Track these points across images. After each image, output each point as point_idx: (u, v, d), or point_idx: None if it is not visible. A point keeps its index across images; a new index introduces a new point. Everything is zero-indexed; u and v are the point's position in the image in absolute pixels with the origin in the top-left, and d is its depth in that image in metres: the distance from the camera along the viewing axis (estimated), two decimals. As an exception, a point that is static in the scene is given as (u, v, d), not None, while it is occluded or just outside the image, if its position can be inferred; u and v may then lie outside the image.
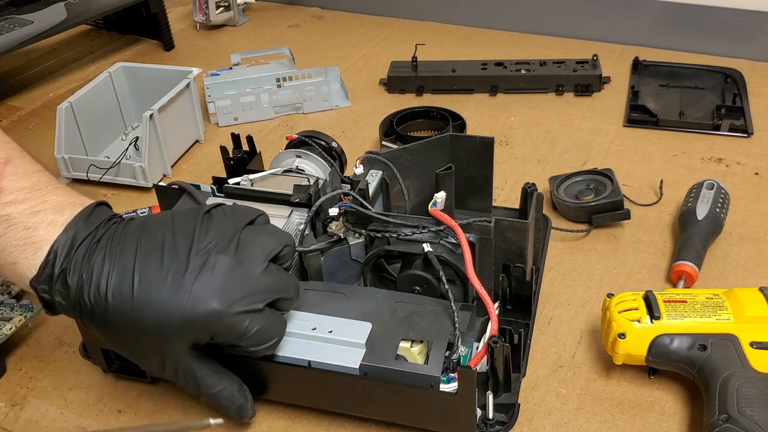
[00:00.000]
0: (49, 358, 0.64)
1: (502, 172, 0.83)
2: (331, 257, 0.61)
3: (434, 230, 0.58)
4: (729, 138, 0.86)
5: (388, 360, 0.52)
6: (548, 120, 0.92)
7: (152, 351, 0.50)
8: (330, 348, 0.53)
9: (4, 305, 0.66)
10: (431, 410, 0.52)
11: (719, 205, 0.70)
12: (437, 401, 0.51)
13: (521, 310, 0.60)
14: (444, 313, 0.55)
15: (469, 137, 0.68)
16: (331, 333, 0.54)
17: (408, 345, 0.53)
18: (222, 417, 0.56)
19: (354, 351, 0.53)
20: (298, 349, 0.54)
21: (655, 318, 0.55)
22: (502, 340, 0.52)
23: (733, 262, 0.69)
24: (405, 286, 0.59)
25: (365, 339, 0.53)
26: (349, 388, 0.53)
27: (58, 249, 0.48)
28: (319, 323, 0.55)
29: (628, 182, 0.80)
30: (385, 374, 0.52)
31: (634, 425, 0.55)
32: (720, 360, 0.53)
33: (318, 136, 0.77)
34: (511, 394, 0.55)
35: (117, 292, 0.48)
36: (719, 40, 1.03)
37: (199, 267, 0.48)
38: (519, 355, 0.56)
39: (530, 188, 0.63)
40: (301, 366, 0.53)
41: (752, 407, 0.49)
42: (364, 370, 0.52)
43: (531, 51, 1.07)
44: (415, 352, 0.53)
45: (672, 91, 0.96)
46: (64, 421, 0.58)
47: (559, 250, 0.71)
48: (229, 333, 0.48)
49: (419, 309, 0.56)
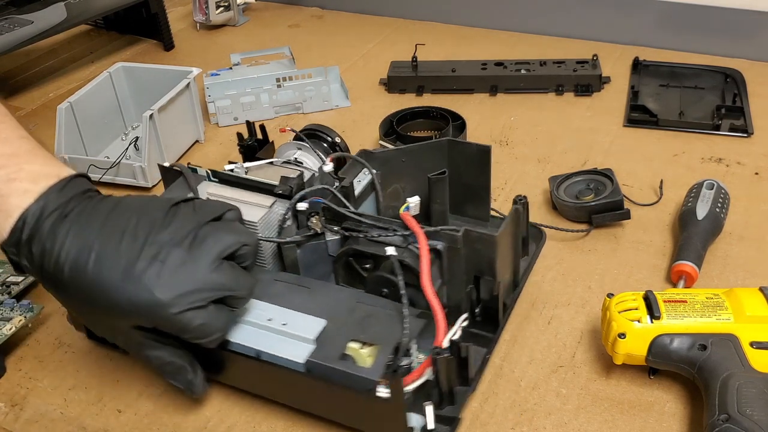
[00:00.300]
0: (49, 358, 0.64)
1: (502, 172, 0.83)
2: (307, 251, 0.61)
3: (402, 234, 0.58)
4: (729, 138, 0.86)
5: (334, 359, 0.52)
6: (548, 120, 0.92)
7: (104, 323, 0.54)
8: (281, 340, 0.54)
9: (4, 305, 0.66)
10: (367, 413, 0.52)
11: (719, 204, 0.70)
12: (371, 405, 0.51)
13: (490, 324, 0.60)
14: (399, 318, 0.55)
15: (466, 144, 0.67)
16: (285, 326, 0.55)
17: (358, 346, 0.53)
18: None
19: (303, 346, 0.54)
20: (250, 337, 0.55)
21: (655, 318, 0.55)
22: (446, 353, 0.51)
23: (733, 262, 0.69)
24: (374, 287, 0.59)
25: (316, 335, 0.54)
26: (294, 382, 0.54)
27: (27, 217, 0.51)
28: (275, 315, 0.56)
29: (628, 182, 0.80)
30: (329, 373, 0.52)
31: (634, 425, 0.55)
32: (720, 360, 0.53)
33: (322, 130, 0.77)
34: (455, 407, 0.54)
35: (74, 266, 0.50)
36: (719, 40, 1.03)
37: (151, 257, 0.49)
38: (467, 369, 0.55)
39: (519, 201, 0.63)
40: (249, 355, 0.54)
41: (752, 407, 0.49)
42: (308, 366, 0.53)
43: (531, 51, 1.07)
44: (364, 354, 0.53)
45: (672, 91, 0.96)
46: (64, 421, 0.58)
47: (559, 250, 0.71)
48: (171, 325, 0.50)
49: (377, 311, 0.56)
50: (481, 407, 0.57)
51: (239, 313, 0.56)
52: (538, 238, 0.69)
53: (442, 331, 0.53)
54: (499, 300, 0.58)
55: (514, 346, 0.62)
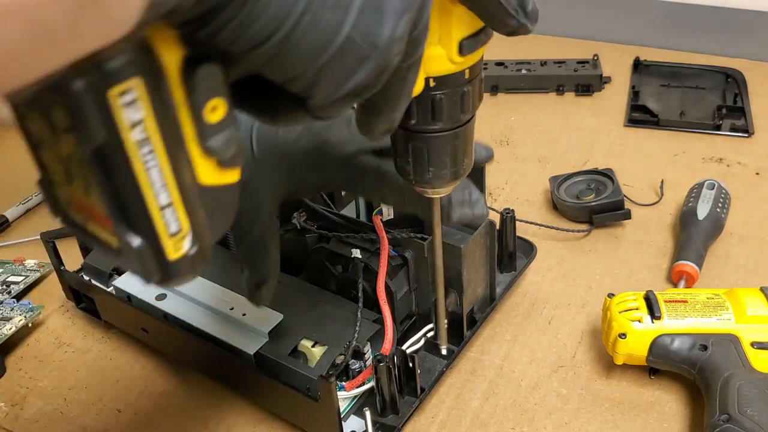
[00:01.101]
0: (49, 358, 0.64)
1: (502, 172, 0.83)
2: (289, 245, 0.61)
3: (369, 238, 0.57)
4: (730, 138, 0.86)
5: (282, 354, 0.53)
6: (549, 120, 0.92)
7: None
8: (238, 330, 0.56)
9: (4, 305, 0.66)
10: (307, 413, 0.52)
11: (720, 205, 0.70)
12: (308, 405, 0.51)
13: (456, 336, 0.59)
14: (355, 320, 0.55)
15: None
16: (244, 316, 0.56)
17: (310, 344, 0.54)
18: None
19: (256, 338, 0.55)
20: (210, 324, 0.56)
21: (656, 318, 0.55)
22: (386, 360, 0.51)
23: (733, 262, 0.68)
24: (342, 288, 0.59)
25: (270, 329, 0.54)
26: (245, 372, 0.55)
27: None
28: (237, 304, 0.57)
29: (629, 182, 0.80)
30: (276, 367, 0.53)
31: (634, 425, 0.55)
32: (721, 360, 0.53)
33: None
34: (399, 417, 0.53)
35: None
36: (720, 39, 1.03)
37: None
38: (415, 380, 0.54)
39: (507, 214, 0.63)
40: (208, 340, 0.56)
41: (753, 407, 0.49)
42: (258, 358, 0.54)
43: (531, 51, 1.07)
44: (316, 353, 0.54)
45: (673, 90, 0.96)
46: (64, 421, 0.58)
47: (559, 250, 0.71)
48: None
49: (335, 312, 0.56)
50: (481, 407, 0.57)
51: (205, 299, 0.58)
52: (528, 252, 0.67)
53: (389, 338, 0.53)
54: (464, 313, 0.57)
55: (514, 345, 0.62)
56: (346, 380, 0.54)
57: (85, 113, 0.25)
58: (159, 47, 0.27)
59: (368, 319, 0.56)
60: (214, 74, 0.29)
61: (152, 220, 0.28)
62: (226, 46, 0.28)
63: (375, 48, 0.29)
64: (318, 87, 0.30)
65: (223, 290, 0.59)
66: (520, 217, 0.70)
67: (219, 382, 0.59)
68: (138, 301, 0.61)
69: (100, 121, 0.26)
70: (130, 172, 0.27)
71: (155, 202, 0.28)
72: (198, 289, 0.60)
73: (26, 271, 0.72)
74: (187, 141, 0.29)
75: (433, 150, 0.40)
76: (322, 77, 0.30)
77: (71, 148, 0.27)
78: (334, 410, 0.50)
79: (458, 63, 0.37)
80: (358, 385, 0.54)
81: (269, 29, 0.27)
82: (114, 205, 0.28)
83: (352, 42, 0.29)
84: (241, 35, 0.27)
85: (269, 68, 0.29)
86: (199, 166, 0.30)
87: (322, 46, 0.29)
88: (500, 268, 0.65)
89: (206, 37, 0.28)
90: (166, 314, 0.59)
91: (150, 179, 0.28)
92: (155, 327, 0.60)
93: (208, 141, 0.30)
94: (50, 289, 0.71)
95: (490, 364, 0.60)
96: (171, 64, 0.28)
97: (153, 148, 0.28)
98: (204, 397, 0.59)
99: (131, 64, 0.26)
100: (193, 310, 0.59)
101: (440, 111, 0.38)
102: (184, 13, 0.26)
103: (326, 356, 0.53)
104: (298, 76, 0.30)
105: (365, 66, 0.30)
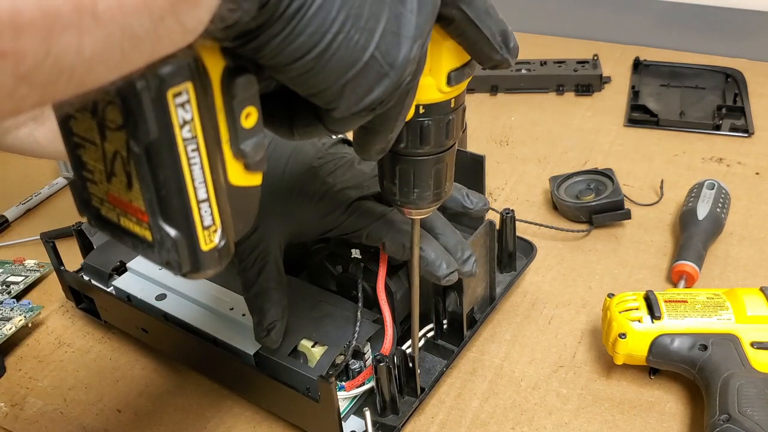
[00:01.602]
0: (48, 358, 0.64)
1: (502, 172, 0.83)
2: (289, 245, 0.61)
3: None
4: (730, 138, 0.86)
5: (282, 354, 0.53)
6: (549, 120, 0.92)
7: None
8: (238, 330, 0.56)
9: (4, 305, 0.66)
10: (306, 412, 0.52)
11: (720, 204, 0.70)
12: (308, 405, 0.51)
13: (455, 337, 0.59)
14: (353, 320, 0.55)
15: (460, 152, 0.67)
16: (244, 316, 0.56)
17: (310, 344, 0.54)
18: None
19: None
20: (210, 324, 0.56)
21: (656, 318, 0.55)
22: (386, 360, 0.51)
23: (733, 262, 0.68)
24: (343, 288, 0.59)
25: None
26: (245, 372, 0.55)
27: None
28: (237, 304, 0.57)
29: (629, 182, 0.80)
30: (276, 367, 0.53)
31: (634, 425, 0.55)
32: (721, 360, 0.53)
33: None
34: (399, 417, 0.54)
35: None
36: (720, 39, 1.03)
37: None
38: (415, 380, 0.54)
39: (507, 214, 0.63)
40: (208, 340, 0.56)
41: (753, 407, 0.49)
42: (257, 358, 0.54)
43: (531, 51, 1.06)
44: (315, 353, 0.54)
45: (673, 90, 0.96)
46: (64, 421, 0.58)
47: (559, 250, 0.71)
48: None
49: (336, 312, 0.56)
50: (481, 407, 0.57)
51: (204, 299, 0.59)
52: (528, 252, 0.67)
53: (389, 338, 0.53)
54: (464, 313, 0.57)
55: (514, 346, 0.62)
56: (346, 380, 0.54)
57: (144, 111, 0.28)
58: (205, 57, 0.30)
59: (368, 319, 0.56)
60: (251, 84, 0.32)
61: (191, 212, 0.31)
62: (268, 60, 0.31)
63: (393, 67, 0.33)
64: (341, 100, 0.33)
65: (223, 290, 0.60)
66: (520, 217, 0.70)
67: (219, 382, 0.59)
68: (138, 301, 0.61)
69: (157, 119, 0.29)
70: (178, 166, 0.30)
71: (195, 196, 0.31)
72: (198, 289, 0.60)
73: (26, 271, 0.72)
74: (222, 143, 0.32)
75: (418, 172, 0.43)
76: (346, 91, 0.33)
77: (119, 145, 0.30)
78: (334, 410, 0.49)
79: (446, 92, 0.40)
80: (358, 385, 0.54)
81: (308, 45, 0.31)
82: (156, 198, 0.30)
83: (375, 61, 0.33)
84: (284, 50, 0.31)
85: (301, 81, 0.33)
86: (230, 167, 0.33)
87: (350, 63, 0.32)
88: (500, 268, 0.65)
89: (252, 50, 0.31)
90: (166, 314, 0.59)
91: (193, 174, 0.31)
92: (155, 327, 0.59)
93: (241, 144, 0.33)
94: (50, 289, 0.71)
95: (490, 364, 0.60)
96: (214, 73, 0.31)
97: (197, 146, 0.30)
98: (204, 397, 0.59)
99: (186, 70, 0.29)
100: (193, 310, 0.59)
101: (428, 136, 0.41)
102: (239, 27, 0.29)
103: (326, 356, 0.53)
104: (325, 90, 0.33)
105: (384, 83, 0.33)
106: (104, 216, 0.33)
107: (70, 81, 0.23)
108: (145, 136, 0.29)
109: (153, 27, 0.24)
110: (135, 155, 0.29)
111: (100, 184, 0.32)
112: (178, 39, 0.26)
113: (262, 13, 0.29)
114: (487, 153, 0.66)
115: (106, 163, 0.31)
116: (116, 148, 0.30)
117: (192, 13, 0.26)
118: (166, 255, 0.31)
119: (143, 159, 0.29)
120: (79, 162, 0.32)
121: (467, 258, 0.54)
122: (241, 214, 0.35)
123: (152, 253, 0.32)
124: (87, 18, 0.22)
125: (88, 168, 0.32)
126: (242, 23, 0.29)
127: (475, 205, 0.56)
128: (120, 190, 0.31)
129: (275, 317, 0.53)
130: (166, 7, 0.24)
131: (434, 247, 0.52)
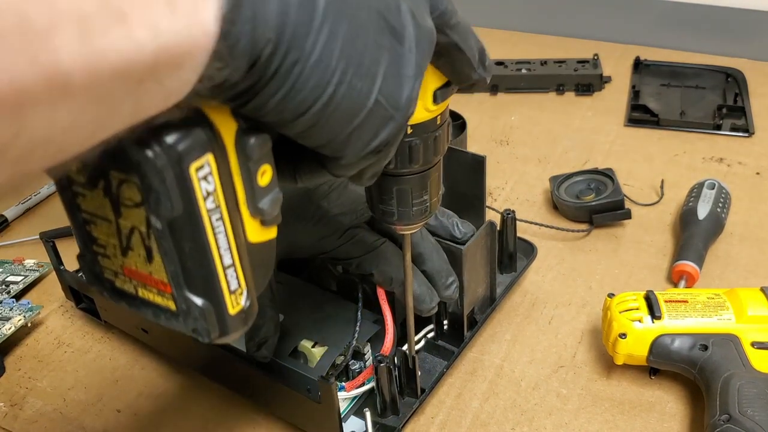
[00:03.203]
0: (48, 358, 0.64)
1: (502, 172, 0.83)
2: None
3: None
4: (730, 138, 0.86)
5: (282, 354, 0.53)
6: (549, 120, 0.92)
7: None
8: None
9: (4, 305, 0.66)
10: (305, 413, 0.52)
11: (720, 204, 0.70)
12: (308, 406, 0.51)
13: (456, 337, 0.59)
14: (354, 321, 0.55)
15: (461, 152, 0.67)
16: None
17: (310, 345, 0.54)
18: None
19: None
20: None
21: (656, 318, 0.55)
22: (386, 361, 0.51)
23: (734, 262, 0.68)
24: (343, 288, 0.59)
25: None
26: (245, 373, 0.54)
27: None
28: None
29: (629, 182, 0.80)
30: (276, 368, 0.53)
31: (635, 425, 0.55)
32: (721, 360, 0.53)
33: None
34: (399, 417, 0.54)
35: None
36: (721, 39, 1.03)
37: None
38: (415, 380, 0.54)
39: (507, 214, 0.63)
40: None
41: (753, 407, 0.49)
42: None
43: (531, 50, 1.07)
44: (316, 354, 0.54)
45: (673, 90, 0.95)
46: (63, 421, 0.58)
47: (559, 250, 0.71)
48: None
49: (337, 313, 0.56)
50: (481, 407, 0.57)
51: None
52: (528, 253, 0.67)
53: (390, 339, 0.53)
54: (464, 314, 0.57)
55: (514, 346, 0.62)
56: (346, 381, 0.54)
57: (167, 189, 0.28)
58: (218, 122, 0.30)
59: (368, 319, 0.56)
60: (265, 143, 0.32)
61: (218, 280, 0.31)
62: (272, 118, 0.31)
63: (397, 109, 0.33)
64: (348, 148, 0.33)
65: None
66: (520, 217, 0.70)
67: (219, 382, 0.59)
68: None
69: (181, 195, 0.28)
70: (204, 238, 0.30)
71: (221, 263, 0.31)
72: None
73: (26, 271, 0.72)
74: (240, 204, 0.32)
75: (406, 190, 0.43)
76: (352, 139, 0.33)
77: (137, 221, 0.29)
78: (334, 411, 0.49)
79: (432, 111, 0.40)
80: (359, 385, 0.54)
81: (310, 100, 0.30)
82: (181, 270, 0.30)
83: (379, 105, 0.32)
84: (286, 107, 0.30)
85: (307, 135, 0.32)
86: (248, 226, 0.33)
87: (355, 112, 0.32)
88: (500, 269, 0.65)
89: (254, 109, 0.30)
90: None
91: (218, 243, 0.30)
92: (155, 327, 0.59)
93: (259, 203, 0.32)
94: (50, 289, 0.71)
95: (490, 364, 0.60)
96: (228, 137, 0.30)
97: (221, 215, 0.30)
98: (204, 397, 0.59)
99: (205, 142, 0.29)
100: None
101: (416, 155, 0.41)
102: (233, 87, 0.28)
103: (326, 357, 0.53)
104: (332, 140, 0.33)
105: (390, 125, 0.33)
106: (119, 288, 0.32)
107: (45, 153, 0.22)
108: (168, 213, 0.28)
109: (133, 92, 0.23)
110: (157, 231, 0.29)
111: (114, 258, 0.31)
112: (161, 101, 0.25)
113: (254, 70, 0.28)
114: (487, 153, 0.66)
115: (121, 239, 0.30)
116: (133, 224, 0.29)
117: (175, 76, 0.25)
118: (193, 323, 0.31)
119: (167, 234, 0.29)
120: (89, 237, 0.31)
121: (450, 284, 0.55)
122: (261, 269, 0.34)
123: (177, 322, 0.31)
124: (59, 91, 0.21)
125: (99, 243, 0.31)
126: (234, 82, 0.28)
127: (464, 236, 0.56)
128: (138, 263, 0.30)
129: (268, 333, 0.53)
130: (145, 72, 0.23)
131: (420, 282, 0.53)
